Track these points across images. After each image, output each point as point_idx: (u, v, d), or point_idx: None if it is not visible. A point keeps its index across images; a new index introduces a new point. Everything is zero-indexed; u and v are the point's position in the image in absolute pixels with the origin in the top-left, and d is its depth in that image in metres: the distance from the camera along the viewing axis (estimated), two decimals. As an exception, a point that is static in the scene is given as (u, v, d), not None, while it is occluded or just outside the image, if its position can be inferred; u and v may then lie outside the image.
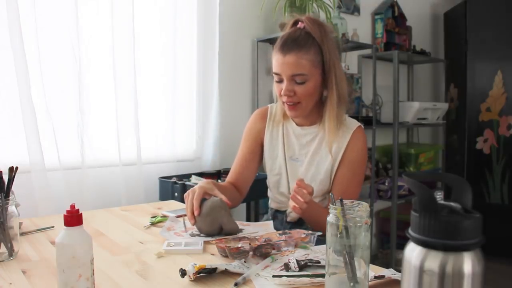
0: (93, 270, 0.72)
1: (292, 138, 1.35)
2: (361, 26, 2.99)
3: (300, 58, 1.18)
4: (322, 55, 1.21)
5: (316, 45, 1.21)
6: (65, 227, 0.70)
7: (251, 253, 0.94)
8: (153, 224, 1.26)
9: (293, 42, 1.19)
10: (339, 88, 1.24)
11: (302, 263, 0.88)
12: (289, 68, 1.19)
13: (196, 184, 1.30)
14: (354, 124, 1.30)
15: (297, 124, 1.35)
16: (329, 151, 1.27)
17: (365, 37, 3.05)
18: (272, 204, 1.45)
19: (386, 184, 2.94)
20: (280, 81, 1.23)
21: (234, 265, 0.87)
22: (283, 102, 1.25)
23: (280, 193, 1.38)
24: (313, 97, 1.24)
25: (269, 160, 1.39)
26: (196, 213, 1.11)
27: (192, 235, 1.13)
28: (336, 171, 1.28)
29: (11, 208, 0.97)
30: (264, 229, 1.19)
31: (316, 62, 1.21)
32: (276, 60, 1.21)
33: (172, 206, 1.54)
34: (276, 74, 1.23)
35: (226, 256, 0.96)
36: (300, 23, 1.24)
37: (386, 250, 3.17)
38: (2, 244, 0.95)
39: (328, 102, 1.25)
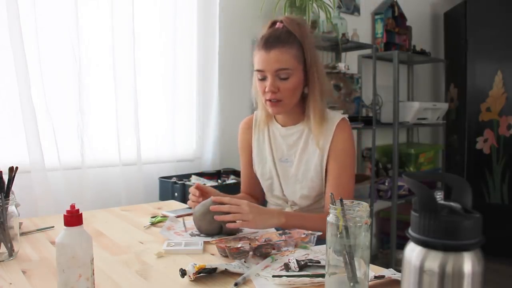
0: (93, 270, 0.72)
1: (279, 140, 1.35)
2: (361, 26, 2.99)
3: (283, 53, 1.19)
4: (303, 52, 1.23)
5: (297, 42, 1.22)
6: (65, 227, 0.70)
7: (251, 253, 0.94)
8: (153, 224, 1.26)
9: (276, 39, 1.20)
10: (321, 83, 1.25)
11: (302, 263, 0.88)
12: (274, 63, 1.19)
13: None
14: (338, 116, 1.29)
15: (281, 125, 1.35)
16: (316, 146, 1.27)
17: (365, 37, 3.05)
18: (270, 206, 1.45)
19: (386, 184, 2.94)
20: (263, 78, 1.23)
21: (234, 265, 0.87)
22: (266, 100, 1.25)
23: (275, 196, 1.39)
24: (296, 93, 1.25)
25: (259, 166, 1.40)
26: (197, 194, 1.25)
27: (192, 235, 1.14)
28: (326, 165, 1.28)
29: (11, 208, 0.97)
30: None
31: (298, 58, 1.22)
32: (260, 56, 1.22)
33: (172, 206, 1.54)
34: (260, 71, 1.23)
35: (226, 256, 0.96)
36: (278, 23, 1.26)
37: (386, 250, 3.17)
38: (2, 244, 0.95)
39: (311, 98, 1.26)
